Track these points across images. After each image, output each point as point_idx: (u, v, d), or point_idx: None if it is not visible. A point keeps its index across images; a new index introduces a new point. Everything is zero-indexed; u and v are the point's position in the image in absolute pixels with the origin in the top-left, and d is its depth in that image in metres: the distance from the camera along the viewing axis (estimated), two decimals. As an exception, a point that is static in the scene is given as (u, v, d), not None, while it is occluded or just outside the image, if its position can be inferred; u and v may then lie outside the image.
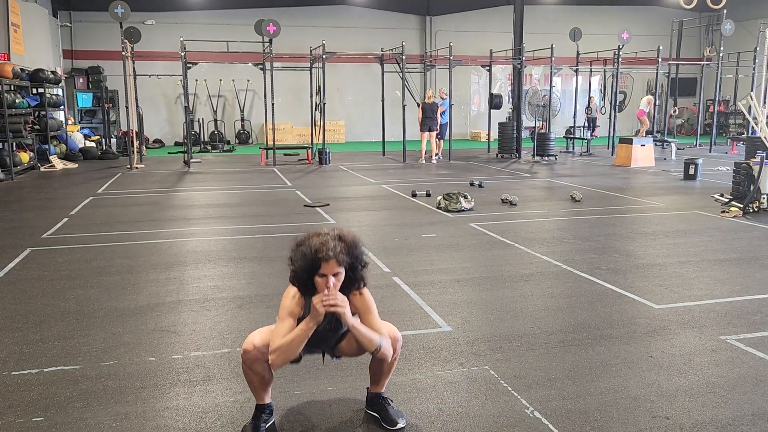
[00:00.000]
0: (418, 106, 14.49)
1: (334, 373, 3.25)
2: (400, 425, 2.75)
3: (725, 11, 17.35)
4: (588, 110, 19.30)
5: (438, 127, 14.51)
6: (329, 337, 2.70)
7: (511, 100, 16.91)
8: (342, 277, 2.52)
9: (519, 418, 2.84)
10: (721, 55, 17.22)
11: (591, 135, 19.15)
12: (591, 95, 19.54)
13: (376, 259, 5.57)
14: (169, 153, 17.19)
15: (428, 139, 14.41)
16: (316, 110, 15.86)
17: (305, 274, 2.49)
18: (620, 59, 16.31)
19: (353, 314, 2.61)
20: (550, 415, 2.86)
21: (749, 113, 12.65)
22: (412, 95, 16.04)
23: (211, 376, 3.27)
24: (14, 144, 12.05)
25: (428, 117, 14.17)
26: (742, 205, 7.78)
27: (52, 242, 6.31)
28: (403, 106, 14.52)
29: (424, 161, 14.42)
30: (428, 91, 15.12)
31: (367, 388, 2.89)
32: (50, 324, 4.00)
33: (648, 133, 17.69)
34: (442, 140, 15.27)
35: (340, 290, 2.55)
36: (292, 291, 2.59)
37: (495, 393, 3.07)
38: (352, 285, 2.59)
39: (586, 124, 19.52)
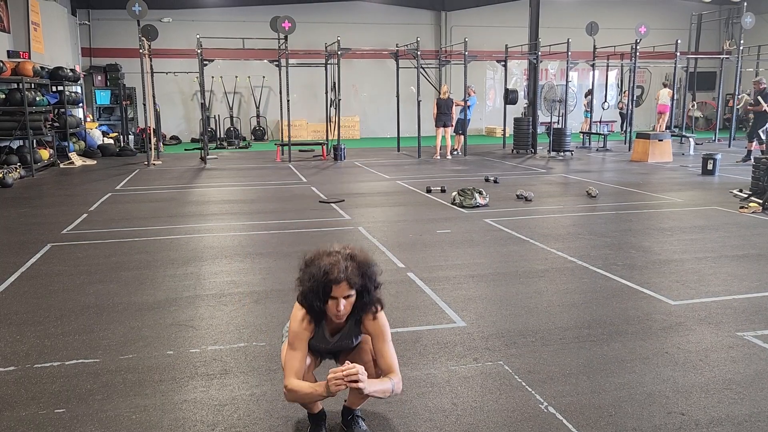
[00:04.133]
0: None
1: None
2: None
3: (745, 4, 17.09)
4: (621, 104, 19.07)
5: (453, 123, 14.48)
6: (345, 347, 2.65)
7: (526, 95, 16.81)
8: (353, 299, 2.38)
9: (533, 413, 2.84)
10: (741, 48, 16.96)
11: (621, 130, 18.89)
12: (625, 90, 19.26)
13: (390, 255, 5.60)
14: (185, 150, 17.33)
15: (443, 134, 14.38)
16: (331, 106, 15.88)
17: (316, 299, 2.34)
18: (638, 53, 16.13)
19: (360, 334, 2.54)
20: (565, 410, 2.86)
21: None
22: (434, 87, 15.97)
23: (228, 369, 3.32)
24: (35, 141, 12.24)
25: (443, 113, 14.12)
26: (761, 201, 7.68)
27: (72, 238, 6.40)
28: (418, 102, 14.51)
29: (439, 157, 14.39)
30: (443, 86, 15.07)
31: (344, 400, 2.72)
32: (71, 318, 4.08)
33: (666, 127, 17.49)
34: (462, 135, 15.23)
35: (351, 312, 2.42)
36: (300, 314, 2.43)
37: (509, 388, 3.08)
38: (365, 307, 2.43)
39: (620, 120, 19.29)
